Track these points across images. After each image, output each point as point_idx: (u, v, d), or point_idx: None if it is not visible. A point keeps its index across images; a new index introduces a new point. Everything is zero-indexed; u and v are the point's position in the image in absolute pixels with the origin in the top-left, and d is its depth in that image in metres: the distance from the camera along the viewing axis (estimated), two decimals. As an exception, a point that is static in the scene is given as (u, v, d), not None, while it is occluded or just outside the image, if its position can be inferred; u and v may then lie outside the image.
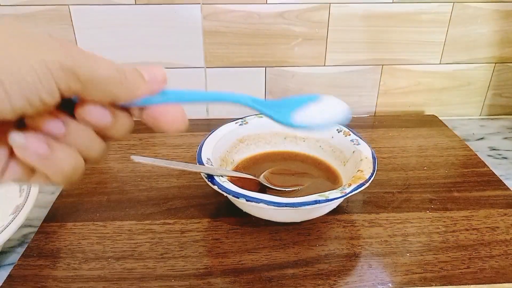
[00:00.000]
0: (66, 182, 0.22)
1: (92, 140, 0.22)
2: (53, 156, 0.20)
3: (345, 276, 0.36)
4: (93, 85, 0.20)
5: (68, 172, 0.21)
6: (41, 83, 0.18)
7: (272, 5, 0.61)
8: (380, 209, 0.45)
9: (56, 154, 0.21)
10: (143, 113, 0.23)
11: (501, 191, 0.48)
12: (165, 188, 0.48)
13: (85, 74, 0.19)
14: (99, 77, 0.20)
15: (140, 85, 0.22)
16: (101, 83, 0.20)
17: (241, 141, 0.50)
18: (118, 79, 0.21)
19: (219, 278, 0.36)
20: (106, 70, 0.20)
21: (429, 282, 0.36)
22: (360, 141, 0.46)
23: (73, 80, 0.19)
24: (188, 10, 0.60)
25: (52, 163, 0.21)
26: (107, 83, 0.20)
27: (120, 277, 0.36)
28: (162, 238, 0.40)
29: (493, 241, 0.40)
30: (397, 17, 0.63)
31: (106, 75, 0.20)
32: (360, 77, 0.68)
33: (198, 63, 0.64)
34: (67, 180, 0.21)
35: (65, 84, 0.19)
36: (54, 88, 0.19)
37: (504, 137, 0.65)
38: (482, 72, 0.69)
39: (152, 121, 0.23)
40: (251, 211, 0.42)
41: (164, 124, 0.23)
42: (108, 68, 0.20)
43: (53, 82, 0.19)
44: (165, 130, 0.23)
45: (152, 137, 0.61)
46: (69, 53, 0.19)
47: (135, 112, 0.23)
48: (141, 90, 0.22)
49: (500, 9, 0.64)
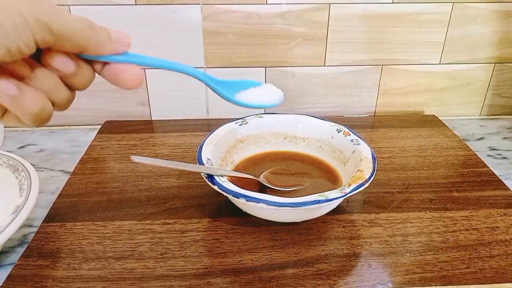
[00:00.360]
0: (35, 122, 0.24)
1: (57, 85, 0.25)
2: (22, 96, 0.23)
3: (345, 276, 0.36)
4: (65, 37, 0.23)
5: (36, 112, 0.24)
6: (19, 35, 0.21)
7: (272, 5, 0.61)
8: (380, 209, 0.45)
9: (24, 95, 0.23)
10: (105, 69, 0.26)
11: (501, 191, 0.48)
12: (165, 188, 0.48)
13: (58, 28, 0.22)
14: (71, 30, 0.23)
15: (107, 42, 0.25)
16: (73, 35, 0.23)
17: (241, 141, 0.50)
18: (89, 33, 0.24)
19: (219, 278, 0.36)
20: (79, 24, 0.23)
21: (429, 282, 0.36)
22: (360, 141, 0.46)
23: (48, 32, 0.22)
24: (188, 10, 0.60)
25: (21, 103, 0.23)
26: (78, 36, 0.23)
27: (120, 277, 0.36)
28: (162, 238, 0.40)
29: (493, 241, 0.40)
30: (397, 17, 0.63)
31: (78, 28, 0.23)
32: (360, 77, 0.68)
33: (198, 63, 0.64)
34: (35, 120, 0.24)
35: (40, 36, 0.22)
36: (31, 40, 0.21)
37: (503, 137, 0.65)
38: (481, 72, 0.69)
39: (112, 76, 0.26)
40: (251, 211, 0.42)
41: (123, 80, 0.26)
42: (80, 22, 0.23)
43: (30, 34, 0.21)
44: (122, 85, 0.26)
45: (152, 137, 0.61)
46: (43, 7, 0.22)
47: (97, 67, 0.26)
48: (107, 47, 0.25)
49: (500, 10, 0.64)
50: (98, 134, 0.61)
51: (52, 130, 0.66)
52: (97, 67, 0.26)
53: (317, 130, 0.51)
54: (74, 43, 0.23)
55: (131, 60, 0.26)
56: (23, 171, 0.43)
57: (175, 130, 0.62)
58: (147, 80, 0.65)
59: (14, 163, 0.44)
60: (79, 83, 0.26)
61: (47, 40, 0.22)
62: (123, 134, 0.61)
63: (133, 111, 0.68)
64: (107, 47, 0.25)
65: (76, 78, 0.25)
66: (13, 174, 0.44)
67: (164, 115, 0.68)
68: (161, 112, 0.68)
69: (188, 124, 0.64)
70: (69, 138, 0.64)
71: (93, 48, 0.24)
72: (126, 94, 0.66)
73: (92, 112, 0.67)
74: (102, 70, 0.26)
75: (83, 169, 0.52)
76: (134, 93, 0.66)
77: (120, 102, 0.67)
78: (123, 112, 0.67)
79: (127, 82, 0.26)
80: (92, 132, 0.63)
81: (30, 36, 0.21)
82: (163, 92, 0.67)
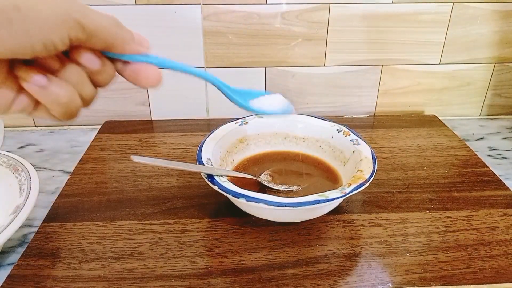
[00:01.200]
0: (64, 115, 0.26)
1: (83, 80, 0.26)
2: (51, 87, 0.24)
3: (345, 276, 0.36)
4: (95, 35, 0.24)
5: (65, 102, 0.25)
6: (56, 32, 0.22)
7: (272, 5, 0.61)
8: (380, 209, 0.45)
9: (54, 86, 0.25)
10: (126, 67, 0.27)
11: (500, 191, 0.48)
12: (165, 188, 0.48)
13: (90, 26, 0.23)
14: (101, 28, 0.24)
15: (131, 42, 0.26)
16: (102, 33, 0.24)
17: (241, 141, 0.50)
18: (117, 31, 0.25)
19: (219, 278, 0.36)
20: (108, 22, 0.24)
21: (429, 282, 0.36)
22: (360, 141, 0.46)
23: (81, 30, 0.23)
24: (188, 11, 0.60)
25: (51, 93, 0.24)
26: (107, 34, 0.25)
27: (120, 277, 0.36)
28: (162, 238, 0.40)
29: (493, 241, 0.40)
30: (397, 17, 0.63)
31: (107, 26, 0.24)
32: (360, 77, 0.68)
33: (198, 63, 0.64)
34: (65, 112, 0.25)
35: (74, 33, 0.23)
36: (66, 37, 0.23)
37: (503, 137, 0.65)
38: (481, 72, 0.69)
39: (133, 75, 0.27)
40: (251, 211, 0.42)
41: (143, 79, 0.27)
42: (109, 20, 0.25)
43: (66, 31, 0.22)
44: (142, 84, 0.28)
45: (152, 137, 0.61)
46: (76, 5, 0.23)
47: (118, 66, 0.27)
48: (131, 46, 0.26)
49: (500, 10, 0.64)
50: (98, 134, 0.61)
51: (52, 130, 0.66)
52: (118, 65, 0.27)
53: (317, 130, 0.51)
54: (103, 40, 0.25)
55: (151, 61, 0.27)
56: (23, 171, 0.43)
57: (175, 130, 0.62)
58: (147, 80, 0.65)
59: (14, 163, 0.44)
60: (102, 80, 0.27)
61: (80, 37, 0.23)
62: (123, 134, 0.61)
63: (133, 111, 0.68)
64: (131, 46, 0.26)
65: (100, 75, 0.26)
66: (13, 174, 0.44)
67: (164, 115, 0.68)
68: (161, 112, 0.68)
69: (188, 124, 0.64)
70: (69, 138, 0.64)
71: (119, 46, 0.26)
72: (126, 94, 0.66)
73: (92, 112, 0.67)
74: (123, 69, 0.27)
75: (83, 169, 0.52)
76: (134, 93, 0.66)
77: (120, 102, 0.67)
78: (123, 112, 0.67)
79: (147, 81, 0.27)
80: (92, 132, 0.63)
81: (65, 33, 0.22)
82: (163, 92, 0.67)
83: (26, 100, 0.25)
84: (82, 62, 0.25)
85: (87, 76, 0.26)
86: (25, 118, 0.66)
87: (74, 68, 0.25)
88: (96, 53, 0.26)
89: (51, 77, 0.25)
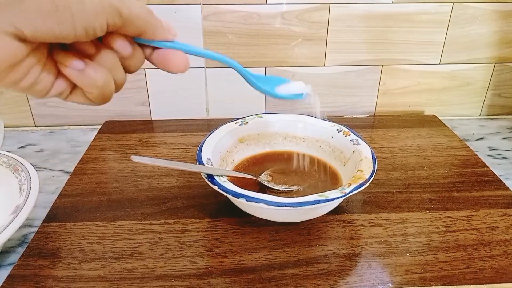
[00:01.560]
0: (99, 98, 0.26)
1: (117, 64, 0.27)
2: (88, 71, 0.25)
3: (345, 276, 0.36)
4: (130, 21, 0.25)
5: (101, 84, 0.26)
6: (96, 17, 0.23)
7: (272, 5, 0.61)
8: (380, 209, 0.45)
9: (90, 70, 0.25)
10: (154, 53, 0.28)
11: (500, 191, 0.48)
12: (165, 188, 0.48)
13: (127, 12, 0.24)
14: (137, 15, 0.25)
15: (160, 29, 0.27)
16: (137, 20, 0.25)
17: (241, 141, 0.50)
18: (149, 18, 0.26)
19: (219, 278, 0.36)
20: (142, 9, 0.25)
21: (429, 282, 0.36)
22: (360, 141, 0.46)
23: (118, 16, 0.24)
24: (188, 10, 0.60)
25: (87, 76, 0.25)
26: (141, 20, 0.26)
27: (120, 277, 0.36)
28: (162, 238, 0.40)
29: (493, 241, 0.40)
30: (397, 17, 0.63)
31: (141, 13, 0.25)
32: (360, 77, 0.68)
33: (198, 63, 0.64)
34: (100, 95, 0.26)
35: (112, 20, 0.24)
36: (104, 23, 0.24)
37: (503, 137, 0.65)
38: (481, 72, 0.69)
39: (162, 60, 0.28)
40: (251, 211, 0.42)
41: (172, 64, 0.28)
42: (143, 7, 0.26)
43: (105, 17, 0.23)
44: (170, 69, 0.29)
45: (152, 137, 0.61)
46: None
47: (147, 52, 0.28)
48: (161, 33, 0.27)
49: (500, 10, 0.64)
50: (98, 134, 0.61)
51: (52, 130, 0.66)
52: (147, 51, 0.28)
53: (317, 130, 0.51)
54: (136, 27, 0.26)
55: (179, 47, 0.28)
56: (23, 171, 0.43)
57: (175, 130, 0.62)
58: (147, 80, 0.65)
59: (14, 163, 0.45)
60: (133, 65, 0.28)
61: (117, 23, 0.24)
62: (123, 134, 0.61)
63: (133, 111, 0.68)
64: (161, 33, 0.27)
65: (131, 60, 0.27)
66: (13, 174, 0.44)
67: (164, 115, 0.68)
68: (161, 112, 0.68)
69: (188, 124, 0.64)
70: (69, 138, 0.64)
71: (150, 33, 0.27)
72: (126, 94, 0.66)
73: (92, 112, 0.67)
74: (152, 55, 0.28)
75: (83, 169, 0.52)
76: (134, 93, 0.66)
77: (120, 102, 0.67)
78: (123, 112, 0.67)
79: (176, 66, 0.29)
80: (92, 132, 0.63)
81: (104, 19, 0.23)
82: (163, 92, 0.67)
83: (64, 84, 0.26)
84: (116, 47, 0.26)
85: (119, 61, 0.27)
86: (25, 118, 0.67)
87: (109, 53, 0.26)
88: (128, 39, 0.27)
89: (88, 62, 0.25)
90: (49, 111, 0.66)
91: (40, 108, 0.66)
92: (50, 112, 0.66)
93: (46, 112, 0.66)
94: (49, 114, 0.67)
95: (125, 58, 0.27)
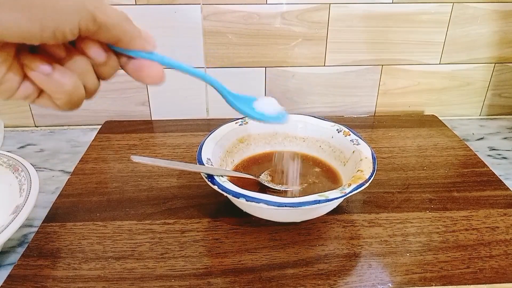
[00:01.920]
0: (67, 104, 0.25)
1: (88, 70, 0.26)
2: (55, 75, 0.24)
3: (345, 276, 0.36)
4: (105, 28, 0.24)
5: (68, 90, 0.25)
6: (67, 20, 0.22)
7: (272, 5, 0.61)
8: (380, 209, 0.45)
9: (58, 74, 0.24)
10: (130, 62, 0.27)
11: (500, 191, 0.48)
12: (165, 188, 0.48)
13: (102, 18, 0.23)
14: (112, 21, 0.24)
15: (138, 38, 0.26)
16: (113, 27, 0.24)
17: (241, 141, 0.50)
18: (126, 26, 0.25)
19: (219, 278, 0.36)
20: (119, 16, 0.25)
21: (429, 282, 0.36)
22: (360, 141, 0.46)
23: (92, 22, 0.23)
24: (188, 10, 0.60)
25: (54, 81, 0.24)
26: (117, 28, 0.25)
27: (120, 277, 0.36)
28: (162, 238, 0.40)
29: (493, 241, 0.40)
30: (397, 17, 0.63)
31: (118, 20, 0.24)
32: (360, 77, 0.68)
33: (198, 63, 0.64)
34: (68, 101, 0.25)
35: (85, 24, 0.23)
36: (76, 27, 0.23)
37: (503, 137, 0.65)
38: (481, 72, 0.69)
39: (136, 71, 0.27)
40: (251, 211, 0.42)
41: (145, 75, 0.28)
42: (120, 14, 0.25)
43: (77, 21, 0.22)
44: (144, 80, 0.28)
45: (152, 137, 0.61)
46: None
47: (123, 61, 0.27)
48: (137, 43, 0.26)
49: (500, 10, 0.64)
50: (98, 134, 0.61)
51: (52, 130, 0.66)
52: (122, 60, 0.27)
53: (317, 130, 0.51)
54: (112, 34, 0.25)
55: (155, 59, 0.27)
56: (23, 171, 0.43)
57: (175, 130, 0.62)
58: (147, 80, 0.65)
59: (14, 163, 0.45)
60: (106, 72, 0.27)
61: (90, 28, 0.23)
62: (123, 134, 0.61)
63: (133, 111, 0.68)
64: (138, 42, 0.26)
65: (104, 68, 0.26)
66: (13, 174, 0.44)
67: (164, 115, 0.68)
68: (161, 112, 0.68)
69: (188, 124, 0.64)
70: (69, 138, 0.64)
71: (126, 41, 0.26)
72: (126, 94, 0.66)
73: (92, 112, 0.67)
74: (127, 64, 0.27)
75: (83, 169, 0.52)
76: (134, 93, 0.66)
77: (120, 102, 0.67)
78: (123, 112, 0.67)
79: (150, 78, 0.28)
80: (92, 132, 0.63)
81: (76, 23, 0.22)
82: (163, 92, 0.67)
83: (31, 87, 0.25)
84: (89, 53, 0.25)
85: (91, 67, 0.26)
86: (25, 118, 0.67)
87: (80, 59, 0.25)
88: (102, 46, 0.26)
89: (56, 65, 0.25)
90: (49, 111, 0.66)
91: (40, 108, 0.66)
92: (50, 112, 0.66)
93: (46, 112, 0.66)
94: (49, 114, 0.67)
95: (98, 65, 0.26)
